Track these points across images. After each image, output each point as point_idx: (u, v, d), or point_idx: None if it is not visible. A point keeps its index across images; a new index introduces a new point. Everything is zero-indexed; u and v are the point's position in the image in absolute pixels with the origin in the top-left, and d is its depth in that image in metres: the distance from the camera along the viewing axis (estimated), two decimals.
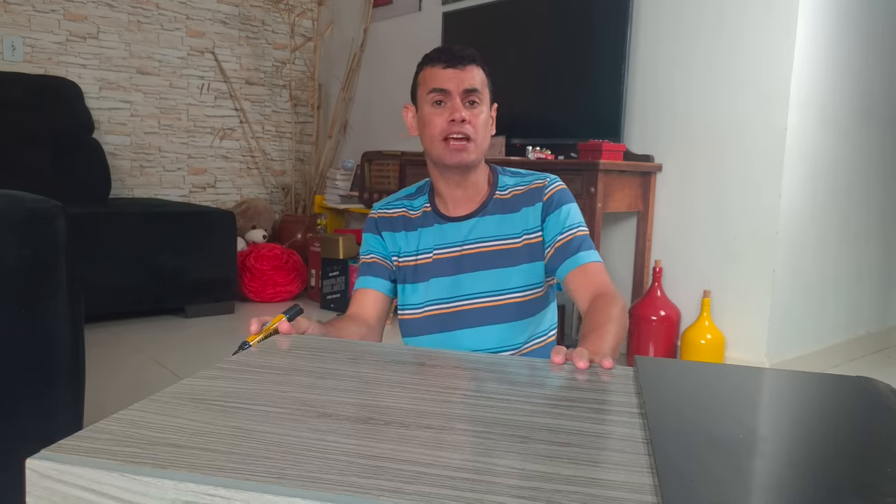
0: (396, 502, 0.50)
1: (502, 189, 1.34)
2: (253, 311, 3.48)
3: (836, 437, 0.70)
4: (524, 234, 1.31)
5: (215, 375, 0.79)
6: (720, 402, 0.81)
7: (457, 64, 1.25)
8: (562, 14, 2.93)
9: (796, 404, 0.82)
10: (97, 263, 2.96)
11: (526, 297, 1.30)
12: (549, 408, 0.74)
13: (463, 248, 1.32)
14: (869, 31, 2.75)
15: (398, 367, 0.90)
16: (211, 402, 0.70)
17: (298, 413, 0.68)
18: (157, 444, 0.59)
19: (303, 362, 0.88)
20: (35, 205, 1.12)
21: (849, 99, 2.69)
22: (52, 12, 3.59)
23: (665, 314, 2.62)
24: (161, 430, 0.62)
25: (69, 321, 1.19)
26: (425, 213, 1.36)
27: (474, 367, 0.91)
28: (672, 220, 2.73)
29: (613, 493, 0.54)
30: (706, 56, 2.59)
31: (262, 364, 0.85)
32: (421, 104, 1.29)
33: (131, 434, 0.61)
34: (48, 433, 1.17)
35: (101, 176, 3.47)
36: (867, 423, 0.73)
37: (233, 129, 4.30)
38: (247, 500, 0.51)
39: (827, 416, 0.78)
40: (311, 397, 0.73)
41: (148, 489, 0.53)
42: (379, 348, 0.99)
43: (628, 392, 0.80)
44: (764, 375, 0.96)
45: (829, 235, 2.72)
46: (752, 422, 0.75)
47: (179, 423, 0.64)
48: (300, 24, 4.48)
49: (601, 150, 2.52)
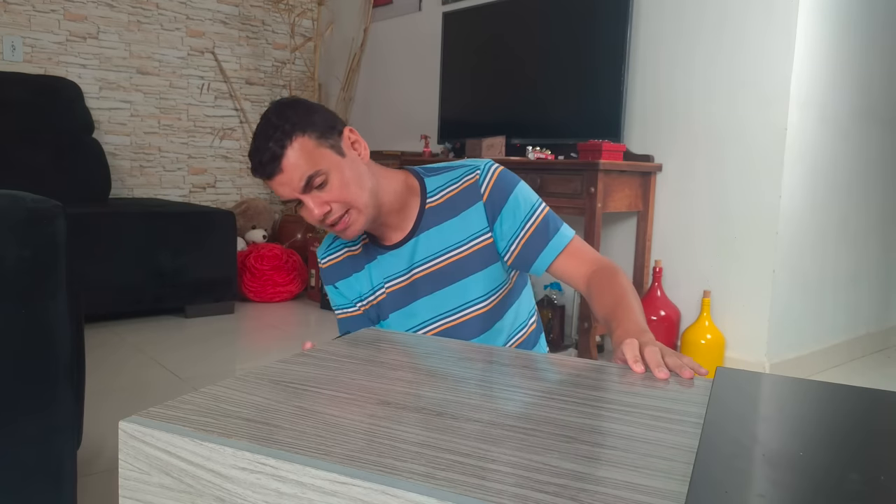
0: (422, 485, 0.52)
1: (432, 195, 1.22)
2: (253, 311, 3.48)
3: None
4: (470, 239, 1.20)
5: (301, 361, 0.85)
6: (791, 417, 0.76)
7: (272, 174, 1.10)
8: (562, 14, 2.93)
9: (871, 424, 0.75)
10: (97, 263, 2.96)
11: (490, 305, 1.22)
12: (604, 412, 0.73)
13: (412, 274, 1.23)
14: (869, 30, 2.75)
15: (467, 363, 0.91)
16: (287, 384, 0.76)
17: (361, 399, 0.72)
18: (230, 417, 0.66)
19: (382, 354, 0.92)
20: (35, 205, 1.12)
21: (849, 99, 2.69)
22: (52, 12, 3.59)
23: (665, 314, 2.62)
24: (237, 404, 0.69)
25: (69, 321, 1.19)
26: (364, 246, 1.27)
27: (539, 366, 0.91)
28: (672, 220, 2.73)
29: (641, 497, 0.53)
30: (706, 56, 2.60)
31: (345, 354, 0.90)
32: None
33: (211, 406, 0.68)
34: (48, 433, 1.17)
35: (101, 176, 3.47)
36: None
37: (233, 129, 4.30)
38: (292, 470, 0.56)
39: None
40: (377, 386, 0.77)
41: (212, 454, 0.59)
42: (454, 344, 1.00)
43: (698, 403, 0.77)
44: (847, 392, 0.88)
45: (828, 235, 2.73)
46: (819, 439, 0.70)
47: (254, 400, 0.70)
48: (300, 24, 4.48)
49: (601, 150, 2.52)
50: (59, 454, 1.18)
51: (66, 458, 1.20)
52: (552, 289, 2.95)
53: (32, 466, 1.16)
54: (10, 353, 1.11)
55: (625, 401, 0.78)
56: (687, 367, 0.84)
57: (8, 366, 1.11)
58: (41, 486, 1.17)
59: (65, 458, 1.19)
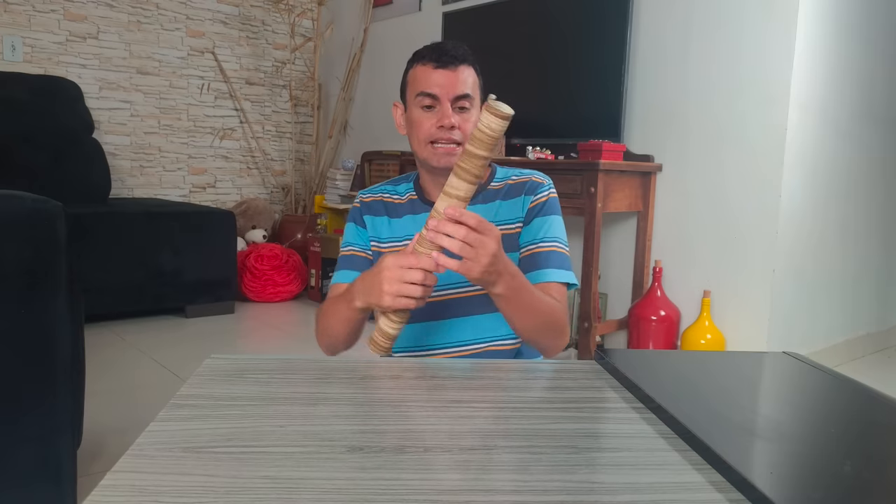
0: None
1: (497, 180, 1.29)
2: (253, 311, 3.48)
3: None
4: (508, 222, 1.24)
5: (192, 416, 0.68)
6: (720, 389, 0.80)
7: (448, 64, 1.19)
8: (562, 14, 2.93)
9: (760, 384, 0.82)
10: (97, 263, 2.96)
11: None
12: (531, 411, 0.71)
13: None
14: (869, 31, 2.75)
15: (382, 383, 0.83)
16: (204, 450, 0.60)
17: (311, 446, 0.61)
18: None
19: (265, 387, 0.78)
20: (35, 205, 1.12)
21: (849, 99, 2.69)
22: (52, 12, 3.59)
23: (665, 314, 2.62)
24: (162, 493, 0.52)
25: (69, 321, 1.19)
26: (411, 200, 1.30)
27: (443, 374, 0.87)
28: (672, 220, 2.73)
29: (676, 496, 0.52)
30: (706, 56, 2.59)
31: (227, 396, 0.74)
32: (410, 105, 1.24)
33: None
34: (48, 433, 1.17)
35: (101, 176, 3.47)
36: None
37: (233, 129, 4.30)
38: None
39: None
40: (314, 427, 0.65)
41: None
42: (353, 364, 0.90)
43: (601, 387, 0.78)
44: (732, 357, 0.95)
45: (829, 235, 2.72)
46: (772, 409, 0.75)
47: (181, 483, 0.54)
48: (300, 24, 4.48)
49: (601, 150, 2.52)
50: (59, 454, 1.18)
51: (66, 458, 1.20)
52: None
53: (32, 466, 1.16)
54: (10, 353, 1.11)
55: (541, 396, 0.78)
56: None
57: (8, 365, 1.11)
58: (41, 485, 1.17)
59: (65, 457, 1.19)
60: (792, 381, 0.87)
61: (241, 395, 0.74)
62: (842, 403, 0.78)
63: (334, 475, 0.56)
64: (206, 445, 0.60)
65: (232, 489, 0.53)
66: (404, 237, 1.28)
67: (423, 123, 1.20)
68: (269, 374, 0.82)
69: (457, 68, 1.19)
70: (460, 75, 1.19)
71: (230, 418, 0.67)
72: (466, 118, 1.20)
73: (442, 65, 1.19)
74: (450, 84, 1.18)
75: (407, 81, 1.26)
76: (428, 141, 1.20)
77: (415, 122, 1.21)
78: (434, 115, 1.19)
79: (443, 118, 1.18)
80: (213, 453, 0.59)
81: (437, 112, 1.19)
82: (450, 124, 1.17)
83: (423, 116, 1.20)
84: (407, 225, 1.29)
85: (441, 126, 1.18)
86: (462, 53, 1.20)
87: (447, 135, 1.18)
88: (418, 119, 1.21)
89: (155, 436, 0.62)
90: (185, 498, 0.51)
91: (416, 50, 1.27)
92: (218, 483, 0.54)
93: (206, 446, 0.60)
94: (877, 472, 0.59)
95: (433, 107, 1.19)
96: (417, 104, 1.21)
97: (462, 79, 1.19)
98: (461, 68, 1.19)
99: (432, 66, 1.19)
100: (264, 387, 0.77)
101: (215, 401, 0.72)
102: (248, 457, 0.59)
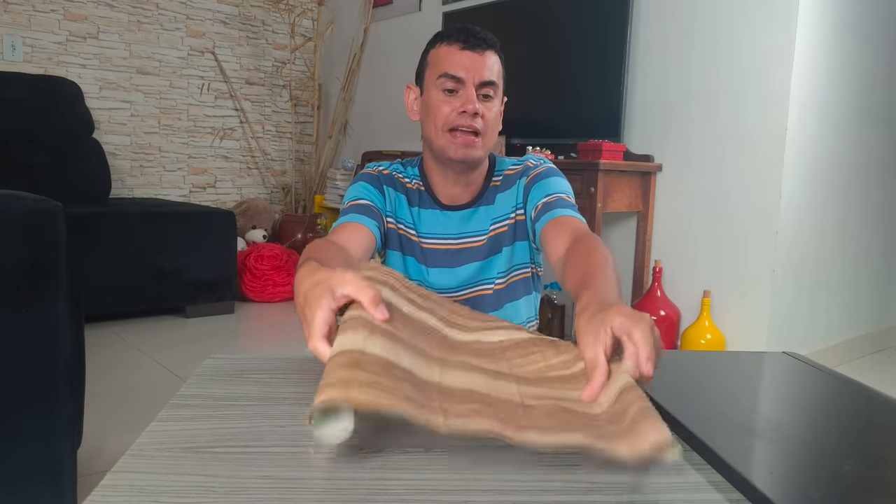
0: None
1: (497, 174, 1.23)
2: (253, 311, 3.48)
3: None
4: (517, 207, 1.20)
5: (195, 416, 0.67)
6: (719, 389, 0.80)
7: (476, 47, 1.11)
8: (562, 14, 2.93)
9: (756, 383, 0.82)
10: (97, 263, 2.96)
11: (503, 284, 1.20)
12: None
13: (459, 242, 1.21)
14: (869, 31, 2.75)
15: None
16: (205, 450, 0.59)
17: (326, 449, 0.59)
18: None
19: (263, 387, 0.76)
20: (35, 205, 1.12)
21: (849, 99, 2.69)
22: (52, 12, 3.59)
23: (665, 314, 2.62)
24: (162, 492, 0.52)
25: (69, 321, 1.19)
26: (419, 191, 1.23)
27: None
28: (672, 220, 2.73)
29: (676, 496, 0.52)
30: (706, 56, 2.60)
31: (227, 396, 0.73)
32: (428, 87, 1.15)
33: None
34: (48, 433, 1.17)
35: (101, 176, 3.47)
36: None
37: (233, 129, 4.30)
38: None
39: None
40: None
41: None
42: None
43: None
44: (715, 358, 0.95)
45: (828, 235, 2.72)
46: (772, 408, 0.75)
47: (179, 484, 0.53)
48: (300, 24, 4.48)
49: (601, 150, 2.52)
50: (59, 454, 1.18)
51: (66, 458, 1.20)
52: (552, 289, 2.95)
53: (32, 466, 1.16)
54: (10, 354, 1.11)
55: None
56: None
57: (8, 366, 1.11)
58: (41, 486, 1.17)
59: (65, 458, 1.19)
60: (792, 381, 0.87)
61: (241, 395, 0.73)
62: (842, 403, 0.78)
63: (334, 475, 0.55)
64: (206, 445, 0.60)
65: (232, 489, 0.52)
66: (409, 223, 1.21)
67: (442, 108, 1.12)
68: (269, 374, 0.81)
69: (484, 52, 1.12)
70: (487, 60, 1.12)
71: (230, 418, 0.67)
72: (490, 107, 1.13)
73: (470, 46, 1.12)
74: (476, 68, 1.11)
75: (427, 62, 1.18)
76: (447, 128, 1.13)
77: (433, 106, 1.14)
78: (456, 100, 1.12)
79: (466, 103, 1.11)
80: (213, 453, 0.59)
81: (459, 97, 1.12)
82: (473, 110, 1.10)
83: (443, 100, 1.12)
84: (413, 215, 1.22)
85: (463, 111, 1.11)
86: (491, 39, 1.14)
87: (468, 122, 1.11)
88: (437, 103, 1.13)
89: (155, 436, 0.62)
90: (185, 498, 0.51)
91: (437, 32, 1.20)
92: (218, 483, 0.53)
93: (206, 446, 0.60)
94: (877, 471, 0.59)
95: (455, 91, 1.12)
96: (438, 86, 1.13)
97: (489, 64, 1.12)
98: (488, 53, 1.13)
99: (459, 47, 1.12)
100: (264, 387, 0.77)
101: (215, 401, 0.72)
102: (248, 457, 0.58)
